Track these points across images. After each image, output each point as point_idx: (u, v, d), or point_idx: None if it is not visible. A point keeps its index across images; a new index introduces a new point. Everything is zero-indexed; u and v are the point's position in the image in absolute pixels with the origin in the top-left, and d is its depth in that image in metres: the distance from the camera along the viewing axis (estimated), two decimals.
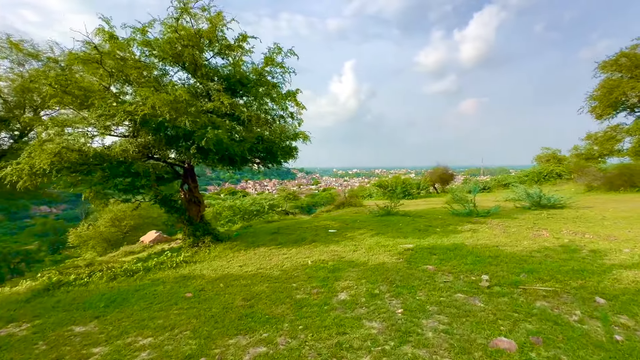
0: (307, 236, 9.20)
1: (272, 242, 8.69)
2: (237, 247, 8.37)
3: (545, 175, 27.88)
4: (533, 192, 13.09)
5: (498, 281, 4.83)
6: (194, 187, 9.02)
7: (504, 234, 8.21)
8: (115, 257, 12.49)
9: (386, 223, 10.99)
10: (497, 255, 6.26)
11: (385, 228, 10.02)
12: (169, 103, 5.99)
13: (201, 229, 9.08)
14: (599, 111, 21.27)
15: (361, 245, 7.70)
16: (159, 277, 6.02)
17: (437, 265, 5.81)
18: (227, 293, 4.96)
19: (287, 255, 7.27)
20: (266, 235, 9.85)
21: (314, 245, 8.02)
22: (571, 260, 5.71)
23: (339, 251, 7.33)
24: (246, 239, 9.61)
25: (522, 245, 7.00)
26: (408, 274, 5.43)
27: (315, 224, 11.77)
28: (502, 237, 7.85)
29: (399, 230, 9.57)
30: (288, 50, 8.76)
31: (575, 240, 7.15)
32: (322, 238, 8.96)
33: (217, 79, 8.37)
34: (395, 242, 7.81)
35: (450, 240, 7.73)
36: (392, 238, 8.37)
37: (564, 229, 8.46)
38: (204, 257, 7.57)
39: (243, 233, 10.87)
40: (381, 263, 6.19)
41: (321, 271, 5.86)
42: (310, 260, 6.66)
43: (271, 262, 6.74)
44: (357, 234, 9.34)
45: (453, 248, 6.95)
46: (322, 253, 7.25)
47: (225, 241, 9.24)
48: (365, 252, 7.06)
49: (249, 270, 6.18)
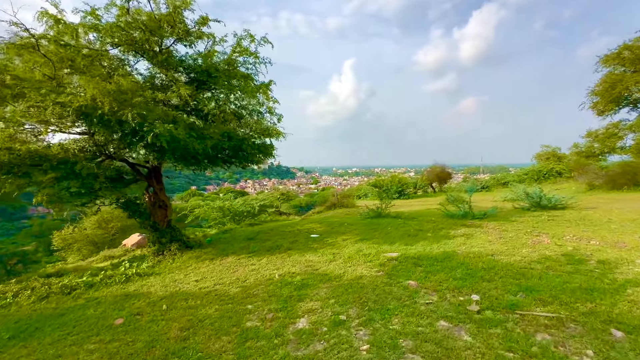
0: (285, 243, 8.38)
1: (244, 250, 7.87)
2: (204, 256, 7.55)
3: (545, 173, 27.10)
4: (533, 192, 12.28)
5: (490, 303, 4.01)
6: (159, 190, 8.19)
7: (500, 239, 7.39)
8: (93, 263, 11.70)
9: (375, 226, 10.18)
10: (492, 267, 5.44)
11: (372, 232, 9.21)
12: (111, 93, 5.16)
13: (167, 236, 8.25)
14: (600, 107, 20.44)
15: (341, 254, 6.88)
16: (98, 296, 5.20)
17: (421, 281, 4.99)
18: (165, 319, 4.14)
19: (255, 266, 6.45)
20: (241, 242, 9.03)
21: (288, 254, 7.20)
22: (577, 274, 4.89)
23: (314, 261, 6.51)
24: (219, 245, 8.80)
25: (520, 254, 6.19)
26: (386, 292, 4.62)
27: (299, 228, 10.96)
28: (498, 243, 7.04)
29: (387, 235, 8.76)
30: (261, 37, 7.94)
31: (580, 248, 6.33)
32: (301, 245, 8.14)
33: (183, 69, 7.55)
34: (379, 250, 7.00)
35: (441, 248, 6.92)
36: (377, 245, 7.56)
37: (566, 234, 7.64)
38: (164, 268, 6.75)
39: (219, 238, 10.05)
40: (358, 277, 5.37)
41: (286, 288, 5.04)
42: (278, 273, 5.84)
43: (234, 275, 5.93)
44: (340, 239, 8.52)
45: (442, 258, 6.13)
46: (294, 264, 6.44)
47: (196, 248, 8.43)
48: (342, 263, 6.24)
49: (205, 287, 5.36)
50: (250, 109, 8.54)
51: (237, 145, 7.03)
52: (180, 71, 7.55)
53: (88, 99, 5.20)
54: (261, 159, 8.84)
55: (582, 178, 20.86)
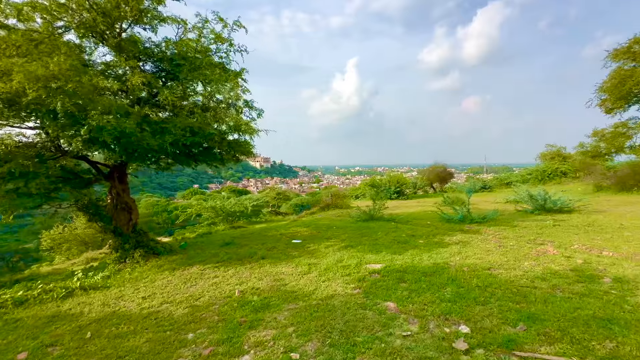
0: (261, 250, 7.59)
1: (215, 257, 7.08)
2: (168, 264, 6.78)
3: (549, 173, 26.14)
4: (537, 194, 11.40)
5: (483, 338, 3.19)
6: (121, 190, 7.42)
7: (499, 249, 6.56)
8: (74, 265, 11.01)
9: (364, 231, 9.38)
10: (488, 284, 4.62)
11: (359, 238, 8.40)
12: (40, 79, 4.39)
13: (132, 241, 7.49)
14: (609, 104, 19.43)
15: (318, 265, 6.08)
16: (21, 317, 4.43)
17: (402, 302, 4.18)
18: (79, 353, 3.37)
19: (219, 279, 5.66)
20: (215, 248, 8.25)
21: (259, 265, 6.41)
22: (589, 296, 4.06)
23: (285, 274, 5.71)
24: (191, 251, 8.02)
25: (521, 267, 5.36)
26: (357, 317, 3.81)
27: (283, 232, 10.17)
28: (497, 254, 6.20)
29: (375, 241, 7.94)
30: (234, 22, 7.14)
31: (591, 261, 5.49)
32: (278, 252, 7.35)
33: (148, 58, 6.77)
34: (361, 260, 6.19)
35: (432, 258, 6.10)
36: (361, 253, 6.75)
37: (574, 243, 6.79)
38: (118, 280, 5.98)
39: (195, 243, 9.29)
40: (329, 296, 4.57)
41: (242, 309, 4.25)
42: (240, 289, 5.05)
43: (190, 290, 5.14)
44: (322, 246, 7.72)
45: (432, 271, 5.32)
46: (263, 276, 5.64)
47: (164, 255, 7.66)
48: (317, 277, 5.44)
49: (149, 306, 4.57)
50: (224, 101, 7.76)
51: (203, 141, 6.24)
52: (143, 59, 6.78)
53: (14, 85, 4.43)
54: (236, 158, 8.05)
55: (588, 178, 19.93)
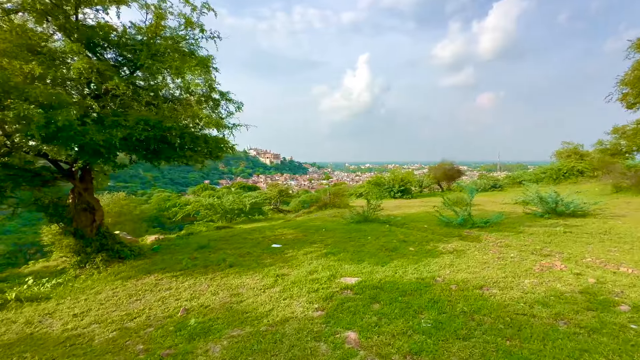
0: (232, 256, 6.91)
1: (179, 264, 6.44)
2: (125, 272, 6.18)
3: (565, 172, 24.71)
4: (547, 196, 10.38)
5: None
6: (83, 189, 6.85)
7: (498, 261, 5.70)
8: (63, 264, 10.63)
9: (353, 235, 8.61)
10: (476, 309, 3.82)
11: (345, 244, 7.64)
12: None
13: (95, 244, 6.94)
14: (630, 99, 17.96)
15: (287, 277, 5.36)
16: None
17: (366, 332, 3.42)
18: None
19: (171, 291, 5.01)
20: (188, 251, 7.62)
21: (224, 274, 5.73)
22: (601, 333, 3.22)
23: (247, 287, 5.02)
24: (159, 256, 7.42)
25: (520, 286, 4.51)
26: (306, 353, 3.08)
27: (268, 234, 9.49)
28: (494, 267, 5.36)
29: (361, 247, 7.18)
30: (202, 3, 6.43)
31: (606, 280, 4.60)
32: (250, 259, 6.66)
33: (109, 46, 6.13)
34: (337, 272, 5.44)
35: (417, 272, 5.30)
36: (341, 263, 6.00)
37: (587, 255, 5.88)
38: (66, 290, 5.41)
39: (169, 246, 8.70)
40: (284, 320, 3.85)
41: (176, 336, 3.57)
42: (188, 306, 4.38)
43: (131, 307, 4.50)
44: (302, 252, 6.99)
45: (412, 289, 4.53)
46: (220, 290, 4.96)
47: (129, 259, 7.08)
48: (280, 292, 4.72)
49: (75, 327, 3.95)
50: (194, 92, 7.10)
51: (162, 136, 5.57)
52: (103, 47, 6.14)
53: None
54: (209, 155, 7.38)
55: (607, 178, 18.59)
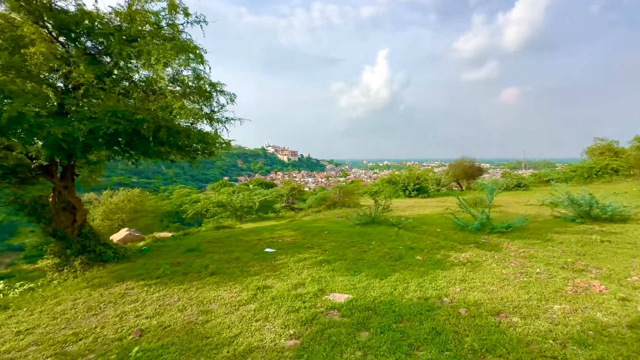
0: (219, 261, 6.29)
1: (157, 271, 5.87)
2: (100, 279, 5.67)
3: (597, 170, 22.77)
4: (580, 197, 9.17)
5: None
6: (62, 188, 6.41)
7: (520, 277, 4.77)
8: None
9: (356, 239, 7.82)
10: (490, 347, 2.98)
11: (345, 249, 6.87)
12: None
13: (76, 246, 6.50)
14: None
15: (269, 291, 4.66)
16: None
17: None
18: None
19: (136, 305, 4.43)
20: (174, 255, 7.08)
21: (201, 284, 5.10)
22: None
23: (220, 302, 4.36)
24: (146, 259, 6.92)
25: (548, 314, 3.61)
26: None
27: (266, 235, 8.85)
28: (516, 286, 4.44)
29: (362, 254, 6.39)
30: None
31: None
32: (236, 266, 6.01)
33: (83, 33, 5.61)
34: (326, 286, 4.69)
35: (421, 289, 4.47)
36: (334, 274, 5.25)
37: (632, 272, 4.84)
38: (29, 299, 4.94)
39: (161, 246, 8.21)
40: (247, 351, 3.15)
41: None
42: (145, 326, 3.77)
43: (84, 323, 3.93)
44: (295, 259, 6.29)
45: (412, 313, 3.73)
46: (190, 305, 4.32)
47: (112, 262, 6.61)
48: (254, 311, 4.03)
49: (8, 349, 3.41)
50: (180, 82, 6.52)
51: (134, 129, 4.98)
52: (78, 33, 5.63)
53: None
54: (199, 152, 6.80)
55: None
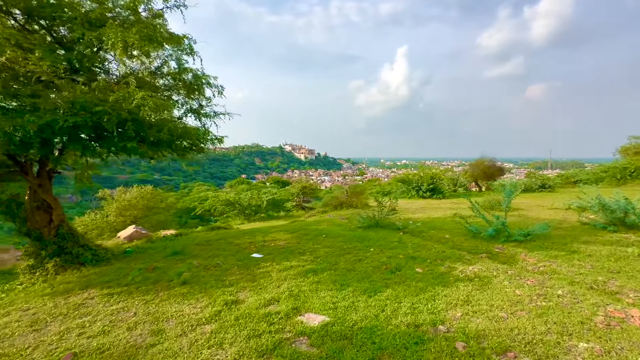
0: (196, 268, 5.75)
1: (125, 278, 5.37)
2: (68, 284, 5.23)
3: (632, 171, 20.94)
4: (612, 202, 8.07)
5: None
6: (37, 186, 6.05)
7: (537, 300, 3.94)
8: None
9: (355, 244, 7.12)
10: None
11: (338, 257, 6.18)
12: None
13: (52, 247, 6.14)
14: None
15: (236, 308, 4.06)
16: None
17: None
18: None
19: (87, 319, 3.93)
20: (158, 257, 6.62)
21: (166, 295, 4.55)
22: None
23: (178, 319, 3.78)
24: (127, 262, 6.49)
25: (571, 354, 2.81)
26: None
27: (259, 238, 8.28)
28: (532, 312, 3.63)
29: (355, 264, 5.69)
30: None
31: None
32: (213, 274, 5.44)
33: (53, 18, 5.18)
34: (303, 304, 4.04)
35: (414, 312, 3.74)
36: (318, 287, 4.58)
37: None
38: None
39: (147, 248, 7.80)
40: None
41: None
42: (83, 347, 3.24)
43: (17, 342, 3.45)
44: (279, 267, 5.66)
45: (397, 345, 3.02)
46: (141, 322, 3.77)
47: (89, 265, 6.22)
48: (210, 335, 3.42)
49: None
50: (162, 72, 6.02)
51: (97, 122, 4.48)
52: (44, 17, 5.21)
53: None
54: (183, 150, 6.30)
55: None
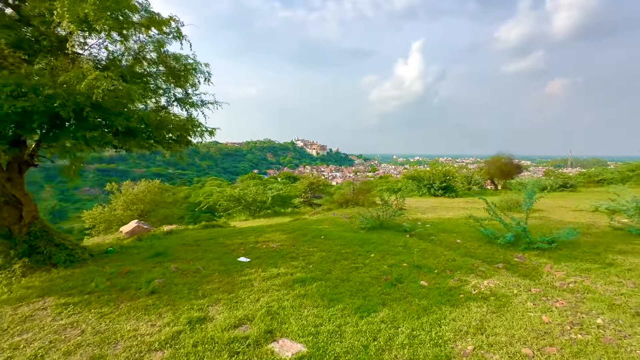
0: (173, 274, 5.13)
1: (87, 287, 4.77)
2: (31, 288, 4.71)
3: None
4: None
5: None
6: (5, 180, 5.55)
7: (572, 332, 3.13)
8: None
9: (354, 248, 6.40)
10: None
11: (332, 264, 5.47)
12: None
13: (22, 246, 5.64)
14: None
15: (201, 328, 3.40)
16: None
17: None
18: None
19: (25, 337, 3.34)
20: (134, 261, 6.06)
21: (129, 308, 3.94)
22: None
23: (127, 342, 3.15)
24: (102, 264, 5.95)
25: None
26: None
27: (251, 239, 7.63)
28: (565, 351, 2.83)
29: (351, 273, 4.98)
30: None
31: None
32: (188, 282, 4.80)
33: None
34: (280, 326, 3.35)
35: (413, 342, 3.00)
36: (303, 302, 3.89)
37: None
38: None
39: (130, 248, 7.27)
40: None
41: None
42: None
43: None
44: (265, 274, 4.98)
45: None
46: (84, 344, 3.16)
47: (60, 266, 5.70)
48: None
49: None
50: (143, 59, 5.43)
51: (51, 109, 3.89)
52: None
53: None
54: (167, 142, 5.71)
55: None
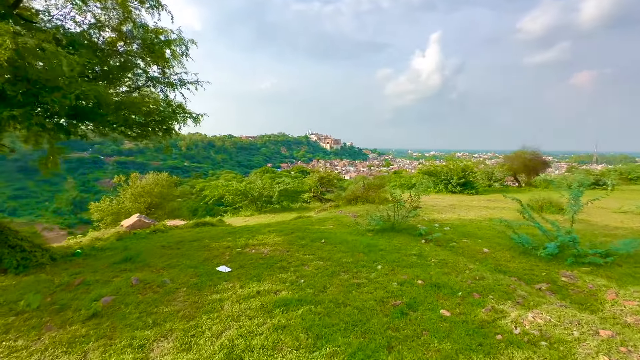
0: (126, 290, 4.19)
1: (15, 305, 3.91)
2: None
3: None
4: None
5: None
6: None
7: None
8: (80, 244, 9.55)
9: (355, 258, 5.32)
10: None
11: (329, 279, 4.42)
12: None
13: None
14: None
15: None
16: None
17: None
18: None
19: None
20: (96, 267, 5.17)
21: (51, 340, 3.00)
22: None
23: None
24: (60, 270, 5.09)
25: None
26: None
27: (241, 242, 6.66)
28: None
29: (350, 293, 3.91)
30: None
31: None
32: (147, 301, 3.84)
33: None
34: None
35: None
36: (281, 338, 2.87)
37: None
38: None
39: (102, 249, 6.41)
40: None
41: None
42: None
43: None
44: (242, 293, 3.97)
45: None
46: None
47: (10, 272, 4.88)
48: None
49: None
50: None
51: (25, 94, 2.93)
52: None
53: None
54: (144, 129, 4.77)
55: None
